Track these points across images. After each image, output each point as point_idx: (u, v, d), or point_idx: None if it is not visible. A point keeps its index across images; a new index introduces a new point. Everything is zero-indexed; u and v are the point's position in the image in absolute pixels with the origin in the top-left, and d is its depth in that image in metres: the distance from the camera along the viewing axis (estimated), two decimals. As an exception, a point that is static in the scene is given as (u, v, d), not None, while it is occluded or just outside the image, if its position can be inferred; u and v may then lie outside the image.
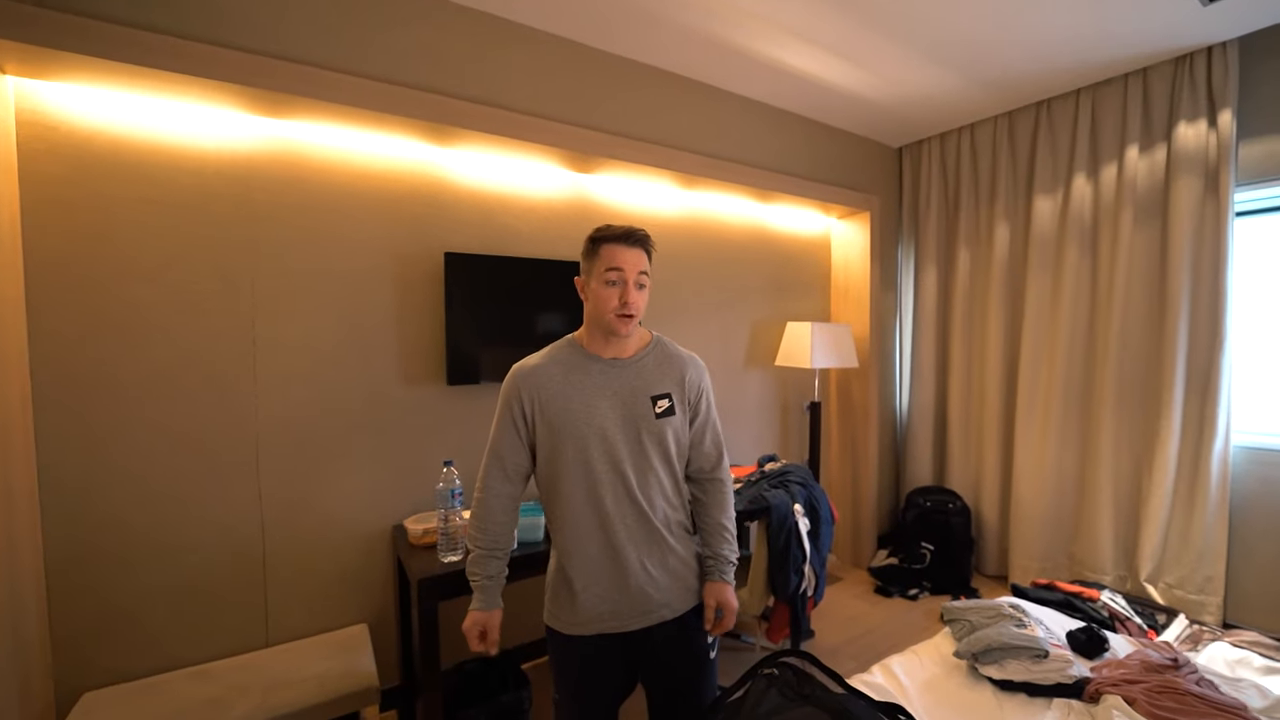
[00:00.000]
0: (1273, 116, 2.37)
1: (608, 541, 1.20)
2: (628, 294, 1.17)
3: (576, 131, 2.25)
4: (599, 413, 1.19)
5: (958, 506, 3.17)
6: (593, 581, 1.21)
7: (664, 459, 1.25)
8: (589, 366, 1.23)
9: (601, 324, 1.21)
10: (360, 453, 2.03)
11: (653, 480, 1.23)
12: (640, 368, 1.26)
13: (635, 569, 1.20)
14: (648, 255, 1.23)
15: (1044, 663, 1.32)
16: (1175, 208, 2.54)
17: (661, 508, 1.25)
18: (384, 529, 2.09)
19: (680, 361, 1.30)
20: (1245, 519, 2.46)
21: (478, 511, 1.25)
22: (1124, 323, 2.71)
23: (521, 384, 1.23)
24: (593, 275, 1.20)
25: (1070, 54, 2.52)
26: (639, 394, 1.23)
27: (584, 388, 1.21)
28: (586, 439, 1.18)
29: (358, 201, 2.01)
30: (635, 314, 1.19)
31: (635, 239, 1.20)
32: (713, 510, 1.34)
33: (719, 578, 1.30)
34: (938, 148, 3.47)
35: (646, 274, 1.21)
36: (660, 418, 1.22)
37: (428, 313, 2.15)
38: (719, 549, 1.31)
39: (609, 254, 1.18)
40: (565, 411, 1.19)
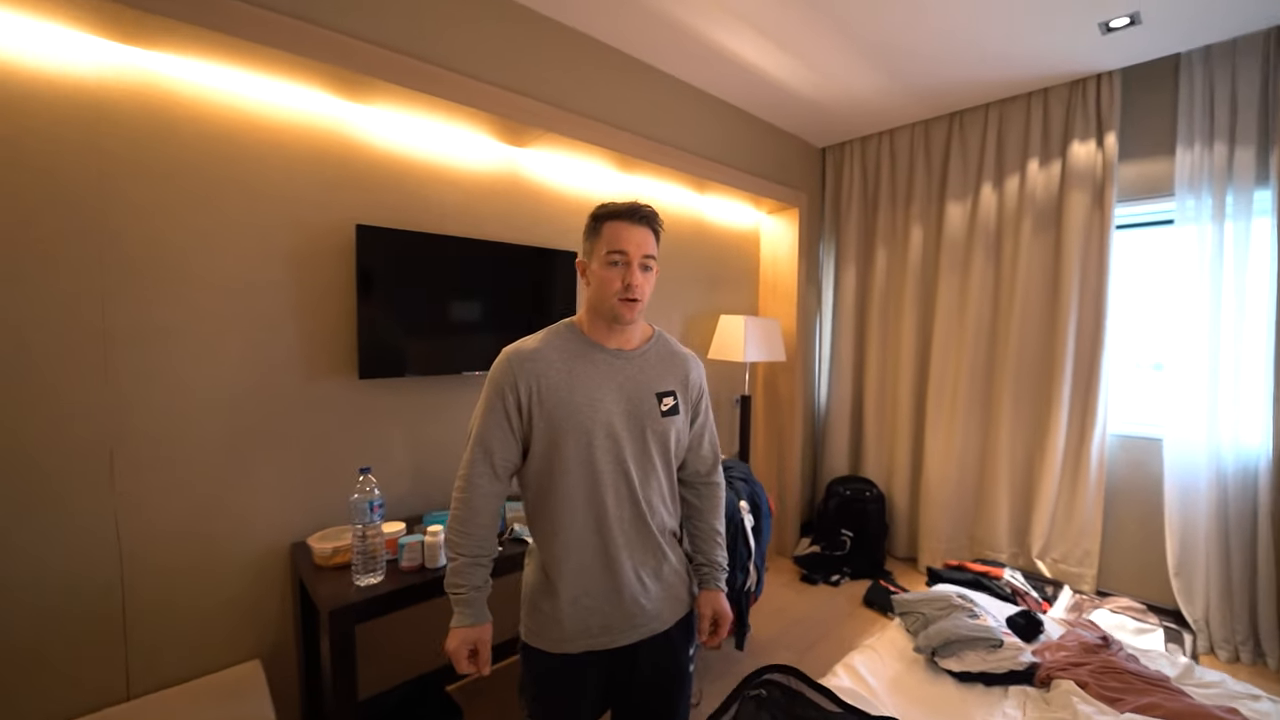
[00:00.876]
0: (1145, 142, 2.67)
1: (604, 548, 1.09)
2: (632, 276, 1.07)
3: (509, 97, 2.03)
4: (604, 407, 1.08)
5: (874, 494, 3.33)
6: (583, 593, 1.09)
7: (665, 460, 1.16)
8: (592, 355, 1.12)
9: (604, 310, 1.10)
10: (249, 462, 1.71)
11: (654, 483, 1.14)
12: (645, 362, 1.16)
13: (630, 579, 1.10)
14: (655, 235, 1.13)
15: (998, 652, 1.37)
16: (1067, 219, 2.80)
17: (660, 512, 1.16)
18: (280, 549, 1.78)
19: (684, 359, 1.22)
20: (1116, 499, 2.78)
21: (460, 514, 1.10)
22: (1022, 322, 2.95)
23: (518, 369, 1.08)
24: (594, 256, 1.11)
25: (986, 69, 2.68)
26: (644, 389, 1.13)
27: (588, 378, 1.09)
28: (591, 434, 1.06)
29: (247, 159, 1.67)
30: (640, 299, 1.09)
31: (641, 216, 1.10)
32: (707, 515, 1.27)
33: (714, 585, 1.23)
34: (859, 150, 3.60)
35: (653, 257, 1.11)
36: (665, 416, 1.14)
37: (335, 295, 1.85)
38: (713, 555, 1.25)
39: (612, 233, 1.08)
40: (568, 404, 1.07)
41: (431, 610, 2.06)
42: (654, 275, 1.13)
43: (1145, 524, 2.69)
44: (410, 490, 2.05)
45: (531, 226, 2.38)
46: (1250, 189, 2.38)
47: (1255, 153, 2.37)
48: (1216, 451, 2.43)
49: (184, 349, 1.59)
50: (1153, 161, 2.65)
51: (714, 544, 1.26)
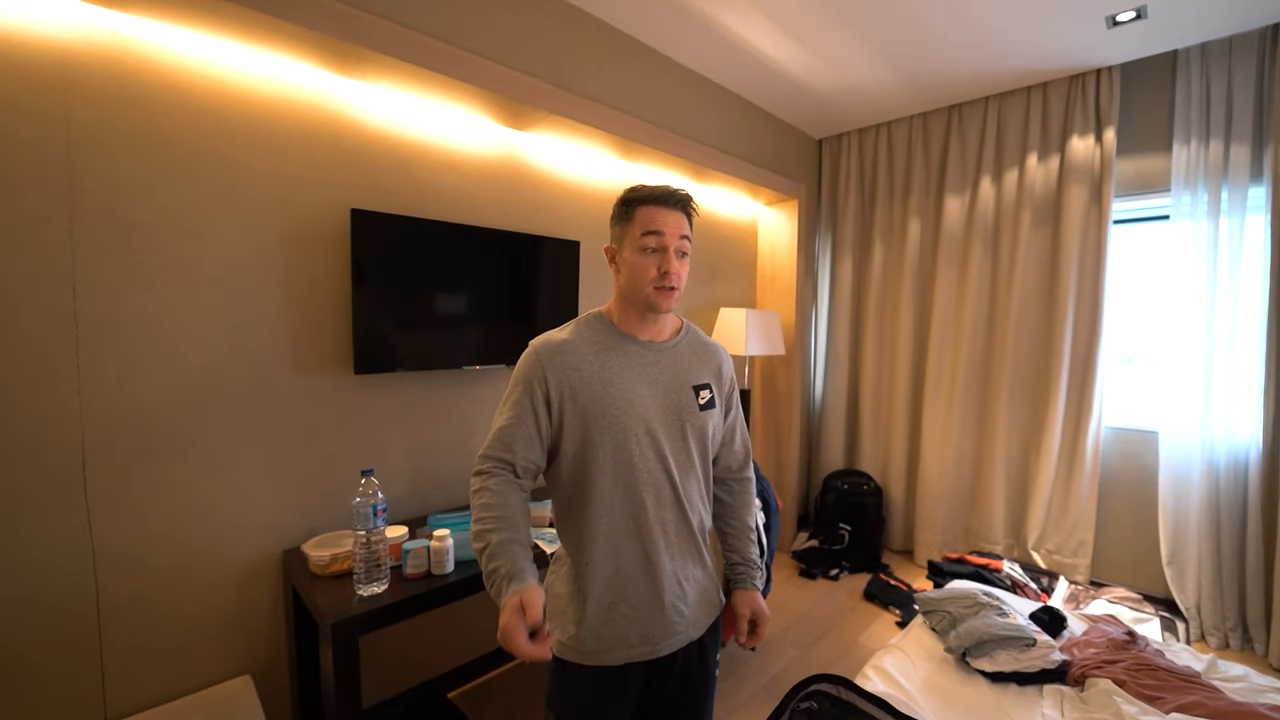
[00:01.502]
0: (1141, 138, 2.69)
1: (644, 552, 1.03)
2: (668, 263, 1.01)
3: (512, 75, 1.92)
4: (641, 402, 1.03)
5: (871, 488, 3.33)
6: (621, 600, 1.02)
7: (703, 456, 1.11)
8: (625, 348, 1.06)
9: (638, 299, 1.04)
10: (237, 461, 1.58)
11: (693, 480, 1.09)
12: (678, 354, 1.11)
13: (671, 584, 1.04)
14: (689, 220, 1.06)
15: (1030, 651, 1.35)
16: (1066, 213, 2.81)
17: (700, 511, 1.10)
18: (271, 556, 1.66)
19: (714, 350, 1.18)
20: (1109, 490, 2.82)
21: (485, 500, 0.98)
22: (1020, 316, 2.96)
23: (548, 363, 1.01)
24: (626, 242, 1.04)
25: (989, 60, 2.66)
26: (682, 382, 1.08)
27: (623, 372, 1.03)
28: (628, 431, 1.01)
29: (231, 134, 1.54)
30: (678, 286, 1.04)
31: (676, 200, 1.04)
32: (740, 512, 1.23)
33: (750, 584, 1.18)
34: (856, 142, 3.57)
35: (689, 239, 1.05)
36: (703, 410, 1.09)
37: (328, 283, 1.73)
38: (748, 553, 1.20)
39: (646, 217, 1.02)
40: (602, 399, 1.01)
41: (435, 614, 1.97)
42: (688, 263, 1.07)
43: (1138, 515, 2.74)
44: (409, 492, 1.94)
45: (533, 214, 2.28)
46: (1245, 185, 2.41)
47: (1250, 150, 2.41)
48: (1209, 444, 2.48)
49: (164, 337, 1.46)
50: (1150, 157, 2.67)
51: (748, 541, 1.21)
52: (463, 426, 2.09)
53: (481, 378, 2.13)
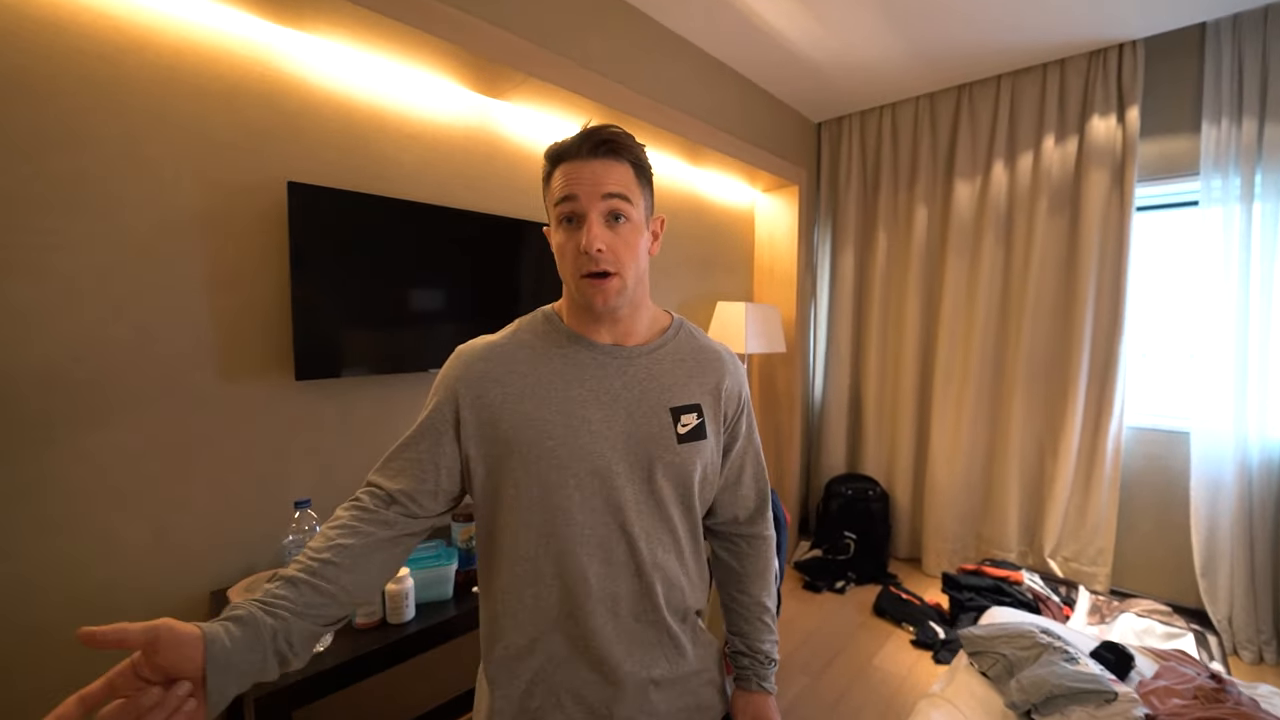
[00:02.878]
0: (1167, 117, 2.51)
1: (583, 644, 0.76)
2: (588, 233, 0.71)
3: (486, 28, 1.65)
4: (590, 429, 0.75)
5: (877, 493, 3.13)
6: (555, 704, 0.76)
7: (686, 509, 0.81)
8: (574, 354, 0.79)
9: (574, 295, 0.78)
10: (149, 488, 1.30)
11: (669, 543, 0.79)
12: (655, 363, 0.81)
13: (632, 685, 0.77)
14: (635, 170, 0.76)
15: (1110, 707, 1.14)
16: (1085, 199, 2.62)
17: (680, 588, 0.81)
18: (196, 600, 1.37)
19: (714, 358, 0.86)
20: (1131, 494, 2.65)
21: (315, 543, 0.69)
22: (1035, 309, 2.78)
23: (463, 375, 0.77)
24: (550, 216, 0.78)
25: (1002, 34, 2.45)
26: (652, 403, 0.78)
27: (567, 386, 0.77)
28: (565, 470, 0.74)
29: (135, 86, 1.25)
30: (611, 269, 0.73)
31: (597, 143, 0.73)
32: (750, 582, 0.91)
33: (758, 686, 0.89)
34: (858, 125, 3.36)
35: (627, 199, 0.74)
36: (684, 442, 0.78)
37: (263, 272, 1.44)
38: (758, 643, 0.90)
39: (559, 179, 0.74)
40: (533, 423, 0.74)
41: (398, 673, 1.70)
42: (641, 231, 0.77)
43: (1161, 520, 2.57)
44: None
45: (512, 194, 2.01)
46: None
47: (1287, 129, 2.24)
48: (1243, 444, 2.31)
49: (48, 338, 1.16)
50: (1176, 138, 2.49)
51: (760, 626, 0.90)
52: (431, 438, 1.81)
53: (453, 381, 1.85)
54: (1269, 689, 1.32)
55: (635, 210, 0.75)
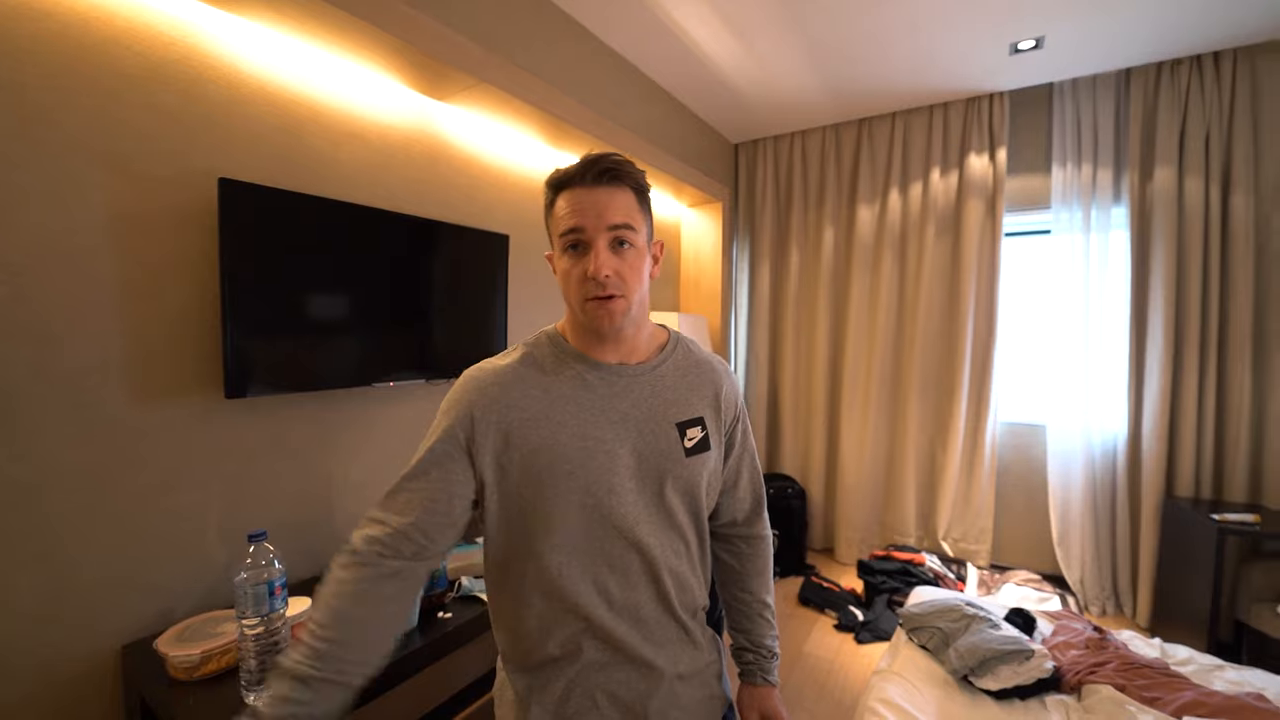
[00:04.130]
0: (1027, 158, 2.97)
1: (616, 646, 0.78)
2: (595, 260, 0.74)
3: (434, 26, 1.59)
4: (604, 449, 0.77)
5: (795, 490, 3.35)
6: (591, 705, 0.77)
7: (694, 518, 0.85)
8: (583, 376, 0.80)
9: (579, 318, 0.79)
10: (39, 527, 1.10)
11: (680, 550, 0.83)
12: (658, 380, 0.84)
13: (661, 686, 0.80)
14: (636, 196, 0.79)
15: (1029, 662, 1.33)
16: (965, 225, 3.02)
17: (691, 589, 0.85)
18: (102, 658, 1.18)
19: (711, 370, 0.90)
20: (1004, 480, 3.08)
21: (334, 603, 0.68)
22: (926, 320, 3.15)
23: (478, 401, 0.76)
24: (554, 244, 0.79)
25: (901, 78, 2.78)
26: (660, 420, 0.81)
27: (579, 408, 0.78)
28: (586, 492, 0.75)
29: (27, 59, 1.07)
30: (620, 292, 0.76)
31: (601, 171, 0.75)
32: (750, 580, 0.96)
33: (763, 680, 0.93)
34: (772, 149, 3.61)
35: (631, 227, 0.76)
36: (692, 455, 0.82)
37: (185, 276, 1.28)
38: (761, 638, 0.95)
39: (563, 206, 0.76)
40: (551, 448, 0.75)
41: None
42: (643, 256, 0.80)
43: (1029, 500, 3.02)
44: (301, 549, 1.52)
45: (455, 200, 1.94)
46: (1109, 205, 2.74)
47: (1112, 174, 2.74)
48: (1087, 435, 2.78)
49: (-92, 360, 0.96)
50: (1034, 176, 2.96)
51: (761, 622, 0.95)
52: (376, 458, 1.70)
53: (395, 396, 1.75)
54: (1130, 634, 1.62)
55: (639, 236, 0.78)
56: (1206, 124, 2.52)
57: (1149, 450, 2.62)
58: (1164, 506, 2.56)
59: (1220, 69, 2.50)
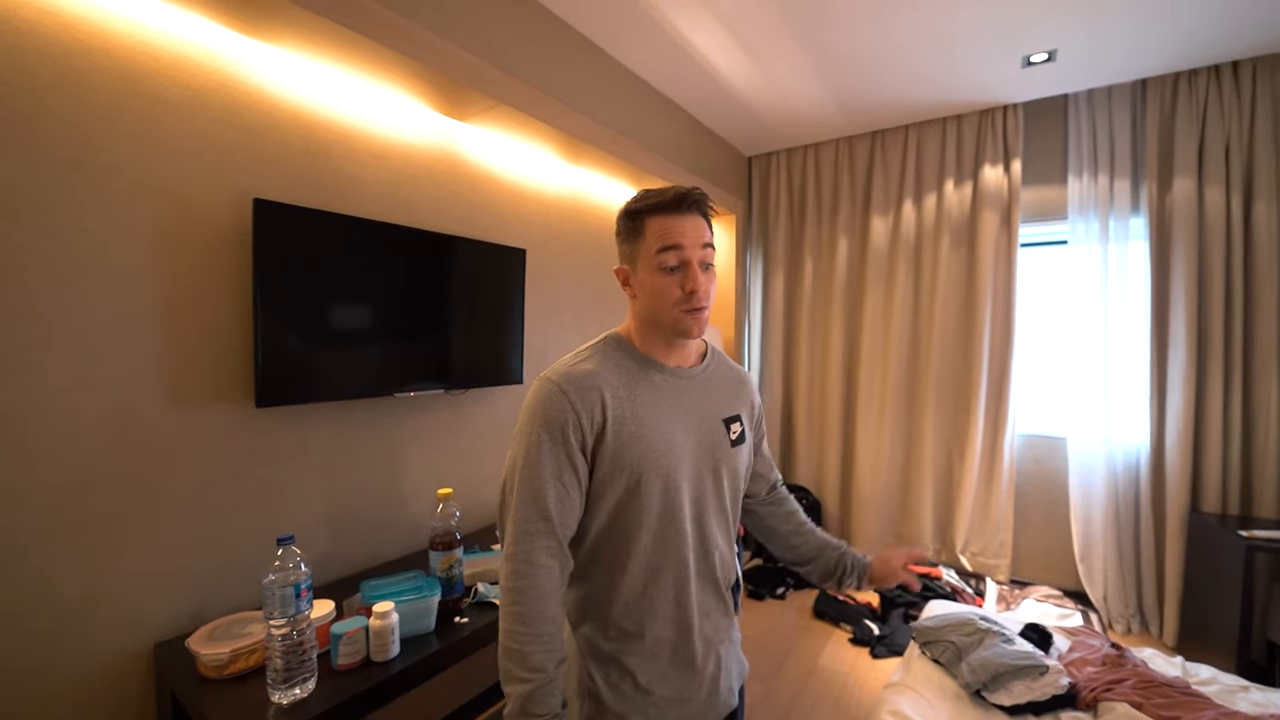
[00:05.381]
0: (1042, 169, 2.96)
1: (684, 621, 0.89)
2: (693, 279, 0.85)
3: (454, 51, 1.66)
4: (677, 441, 0.88)
5: (810, 502, 3.34)
6: (660, 677, 0.88)
7: (735, 499, 0.98)
8: (652, 377, 0.90)
9: (663, 325, 0.89)
10: (83, 527, 1.16)
11: (723, 528, 0.96)
12: (708, 382, 0.97)
13: (708, 650, 0.92)
14: (708, 223, 0.90)
15: (1043, 678, 1.32)
16: (980, 236, 3.01)
17: (730, 563, 0.98)
18: (138, 655, 1.24)
19: (743, 377, 1.05)
20: (1023, 494, 3.03)
21: (521, 610, 0.78)
22: (942, 331, 3.13)
23: (578, 400, 0.83)
24: (640, 260, 0.89)
25: (915, 91, 2.80)
26: (712, 416, 0.94)
27: (655, 406, 0.88)
28: (669, 478, 0.86)
29: (88, 93, 1.15)
30: (707, 304, 0.88)
31: (691, 202, 0.87)
32: (798, 517, 1.11)
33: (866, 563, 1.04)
34: (785, 162, 3.64)
35: (712, 247, 0.89)
36: (735, 446, 0.96)
37: (221, 292, 1.35)
38: (832, 545, 1.07)
39: (660, 229, 0.86)
40: (638, 440, 0.85)
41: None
42: (716, 273, 0.92)
43: (1048, 515, 2.97)
44: (329, 552, 1.57)
45: (474, 216, 2.01)
46: (1127, 216, 2.72)
47: (1130, 185, 2.71)
48: (1109, 448, 2.73)
49: (-31, 371, 1.03)
50: (1050, 188, 2.94)
51: (820, 537, 1.09)
52: (396, 466, 1.75)
53: (416, 406, 1.80)
54: (1152, 652, 1.59)
55: (714, 256, 0.91)
56: (1226, 134, 2.50)
57: (1173, 464, 2.56)
58: (1189, 522, 2.51)
59: (1240, 78, 2.47)
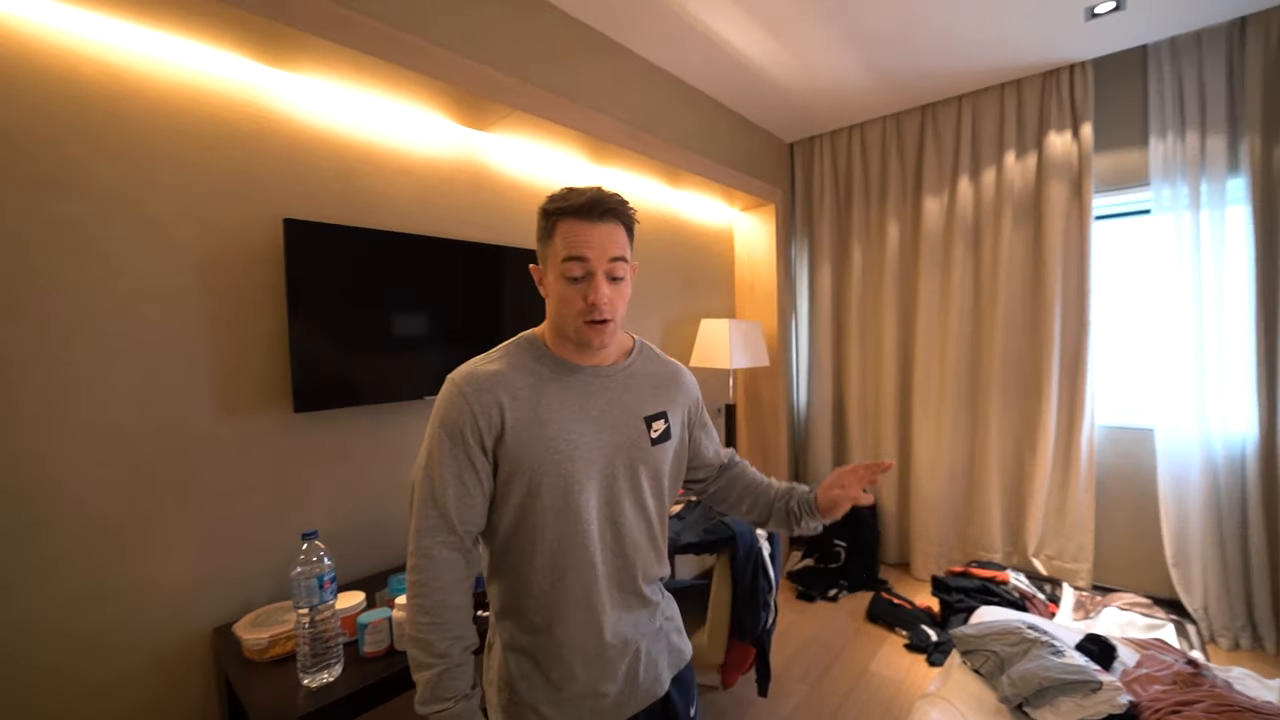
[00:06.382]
0: (1118, 132, 2.67)
1: (592, 614, 0.88)
2: (596, 291, 0.84)
3: (468, 64, 1.70)
4: (585, 441, 0.88)
5: (864, 501, 3.18)
6: (570, 671, 0.88)
7: (658, 498, 0.97)
8: (564, 378, 0.90)
9: (567, 333, 0.89)
10: (147, 525, 1.30)
11: (641, 524, 0.95)
12: (628, 380, 0.96)
13: (624, 648, 0.92)
14: (627, 233, 0.89)
15: (1096, 695, 1.19)
16: (1047, 211, 2.76)
17: (651, 561, 0.97)
18: (197, 637, 1.37)
19: (673, 374, 1.03)
20: (1106, 491, 2.75)
21: (422, 601, 0.82)
22: (1006, 317, 2.89)
23: (476, 401, 0.84)
24: (549, 264, 0.88)
25: (963, 57, 2.60)
26: (629, 414, 0.93)
27: (562, 407, 0.88)
28: (572, 478, 0.86)
29: (129, 131, 1.28)
30: (611, 318, 0.87)
31: (605, 209, 0.85)
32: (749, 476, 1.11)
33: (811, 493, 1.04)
34: (829, 145, 3.49)
35: (625, 260, 0.88)
36: (657, 444, 0.94)
37: (259, 307, 1.47)
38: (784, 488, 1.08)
39: (567, 234, 0.85)
40: (540, 441, 0.85)
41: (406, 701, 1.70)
42: (629, 282, 0.90)
43: (1137, 515, 2.67)
44: (362, 548, 1.67)
45: (497, 223, 2.06)
46: (1223, 177, 2.39)
47: (1226, 142, 2.39)
48: (1206, 439, 2.43)
49: (45, 381, 1.17)
50: (1127, 152, 2.65)
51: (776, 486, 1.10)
52: (427, 464, 1.83)
53: (447, 408, 1.88)
54: (1242, 671, 1.40)
55: (628, 269, 0.89)
56: (1347, 72, 2.15)
57: (1287, 457, 2.24)
58: (1310, 523, 2.18)
59: (1362, 6, 2.12)
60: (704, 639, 1.81)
